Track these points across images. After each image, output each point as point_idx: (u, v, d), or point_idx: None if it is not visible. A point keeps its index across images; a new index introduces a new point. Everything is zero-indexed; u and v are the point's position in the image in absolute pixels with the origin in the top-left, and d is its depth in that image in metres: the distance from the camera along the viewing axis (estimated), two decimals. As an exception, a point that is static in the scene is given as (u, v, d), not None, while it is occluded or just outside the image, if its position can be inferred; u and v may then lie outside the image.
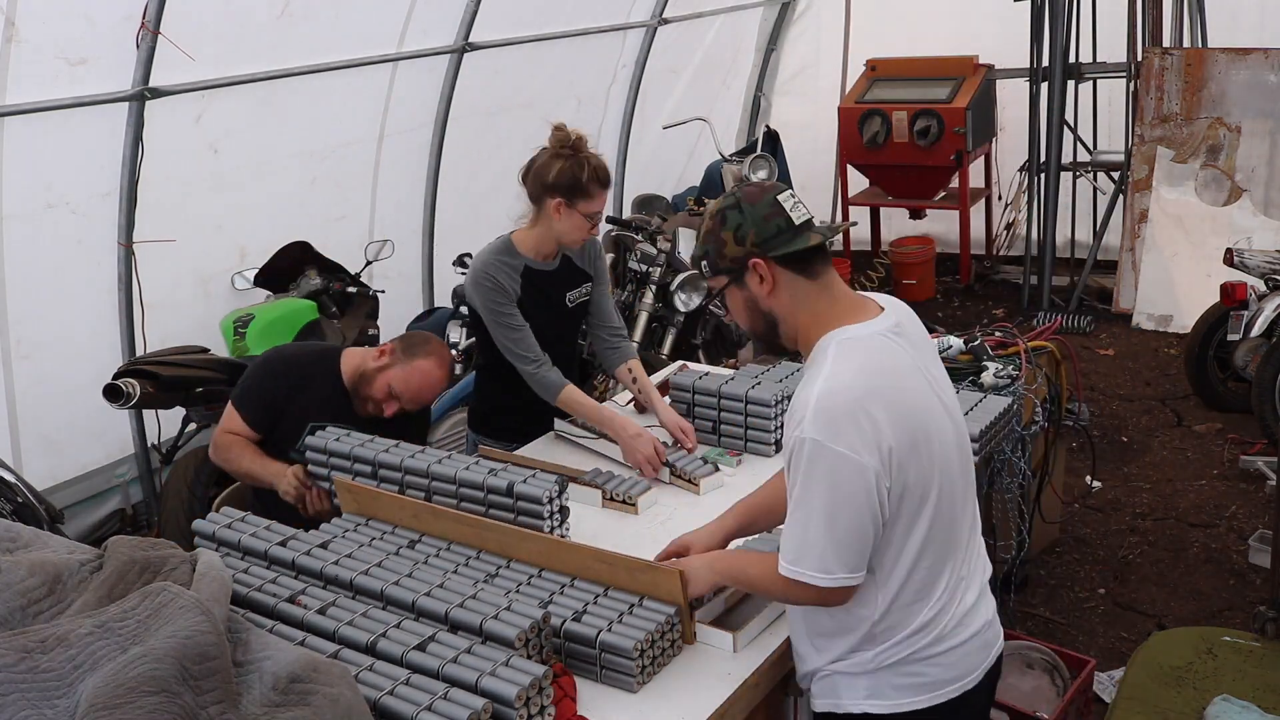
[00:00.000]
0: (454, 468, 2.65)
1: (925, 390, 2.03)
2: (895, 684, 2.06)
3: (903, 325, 2.08)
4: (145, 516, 5.04)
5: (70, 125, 4.43)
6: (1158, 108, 7.11)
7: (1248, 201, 6.93)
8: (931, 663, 2.06)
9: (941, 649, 2.06)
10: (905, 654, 2.04)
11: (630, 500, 2.86)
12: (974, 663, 2.12)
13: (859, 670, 2.07)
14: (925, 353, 2.12)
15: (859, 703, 2.08)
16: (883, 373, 1.98)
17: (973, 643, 2.10)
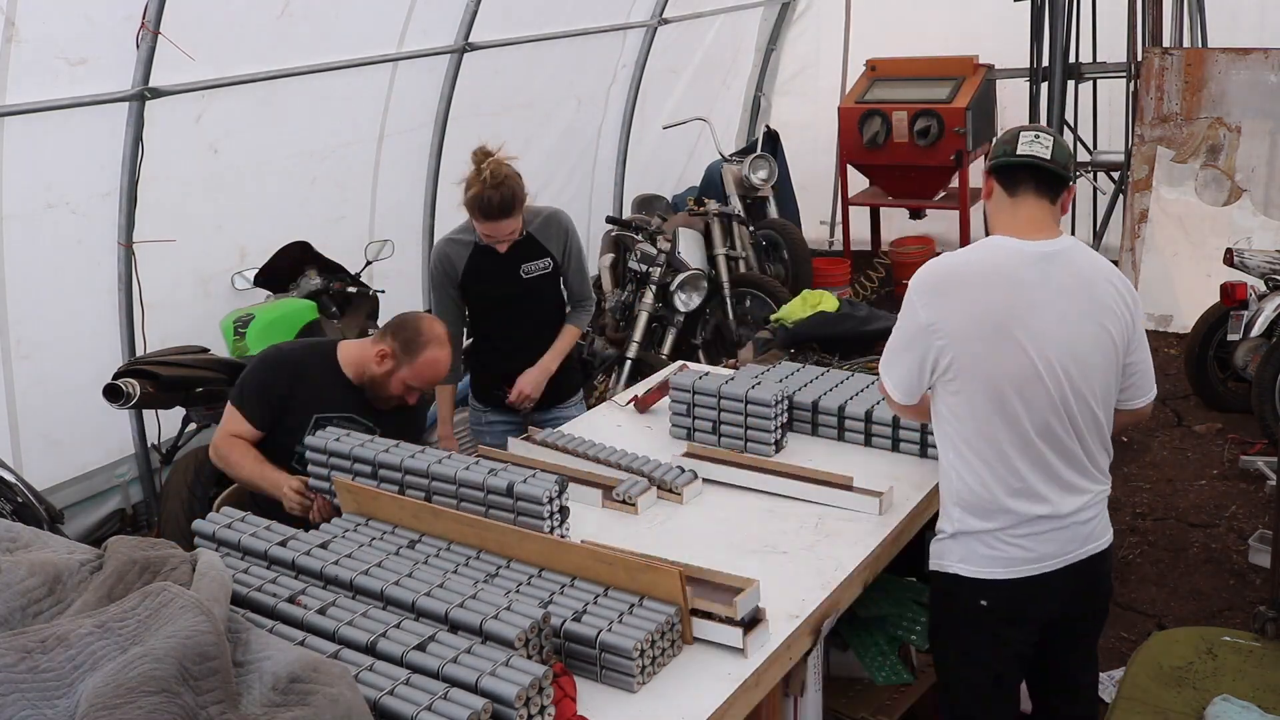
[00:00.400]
0: (454, 467, 2.65)
1: (1015, 304, 2.40)
2: (980, 553, 2.47)
3: (1053, 259, 2.44)
4: (145, 516, 5.04)
5: (70, 125, 4.43)
6: (1158, 108, 7.11)
7: (1248, 201, 6.93)
8: (1005, 544, 2.45)
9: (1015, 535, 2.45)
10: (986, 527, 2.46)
11: (630, 500, 2.86)
12: (1050, 550, 2.47)
13: (954, 533, 2.51)
14: (1056, 286, 2.43)
15: (953, 565, 2.51)
16: (983, 271, 2.45)
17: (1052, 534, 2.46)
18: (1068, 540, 2.49)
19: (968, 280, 2.45)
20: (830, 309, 4.04)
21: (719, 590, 2.29)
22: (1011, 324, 2.39)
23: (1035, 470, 2.44)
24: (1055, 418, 2.43)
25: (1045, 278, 2.42)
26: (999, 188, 2.53)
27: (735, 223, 6.77)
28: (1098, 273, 2.50)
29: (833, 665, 3.01)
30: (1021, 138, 2.50)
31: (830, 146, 8.49)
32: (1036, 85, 7.46)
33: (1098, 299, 2.47)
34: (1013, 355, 2.39)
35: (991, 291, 2.41)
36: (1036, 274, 2.42)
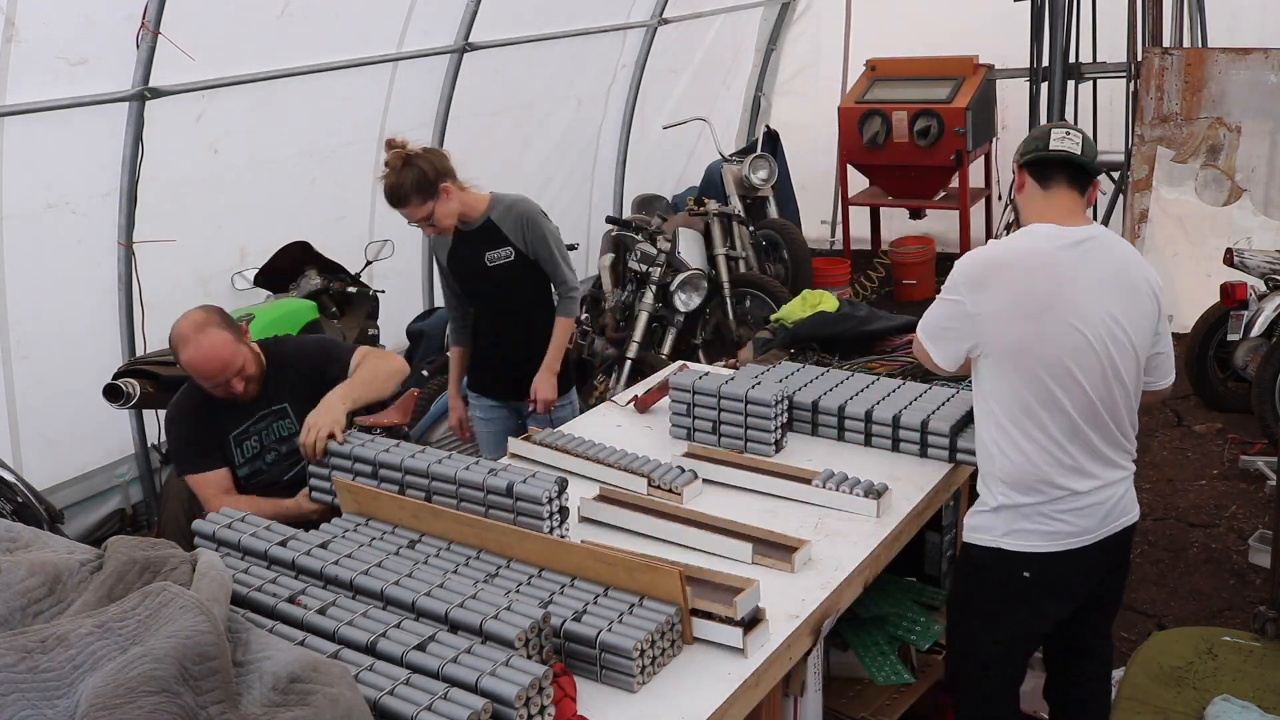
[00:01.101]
0: (453, 467, 2.65)
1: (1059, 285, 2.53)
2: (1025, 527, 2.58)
3: (1088, 244, 2.58)
4: (145, 516, 5.04)
5: (70, 125, 4.43)
6: (1158, 108, 7.11)
7: (1248, 201, 6.93)
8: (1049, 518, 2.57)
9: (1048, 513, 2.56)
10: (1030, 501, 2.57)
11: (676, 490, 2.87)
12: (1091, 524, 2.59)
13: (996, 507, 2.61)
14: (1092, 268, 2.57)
15: (997, 538, 2.61)
16: (1026, 255, 2.58)
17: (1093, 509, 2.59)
18: (1106, 514, 2.61)
19: (1012, 265, 2.58)
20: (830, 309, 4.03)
21: (719, 590, 2.29)
22: (1056, 304, 2.52)
23: (1079, 446, 2.56)
24: (1097, 395, 2.55)
25: (1083, 261, 2.56)
26: (1032, 180, 2.67)
27: (735, 223, 6.77)
28: (1129, 258, 2.67)
29: (833, 665, 3.01)
30: (1054, 134, 2.65)
31: (830, 146, 8.49)
32: (1036, 85, 7.46)
33: (1131, 283, 2.62)
34: (1058, 334, 2.52)
35: (1035, 274, 2.55)
36: (1075, 257, 2.56)
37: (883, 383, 3.37)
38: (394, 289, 5.72)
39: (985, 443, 2.66)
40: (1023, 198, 2.73)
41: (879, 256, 8.36)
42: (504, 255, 3.82)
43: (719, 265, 6.42)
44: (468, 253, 3.84)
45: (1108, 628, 2.93)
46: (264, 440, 3.24)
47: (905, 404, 3.17)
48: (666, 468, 2.95)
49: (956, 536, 3.40)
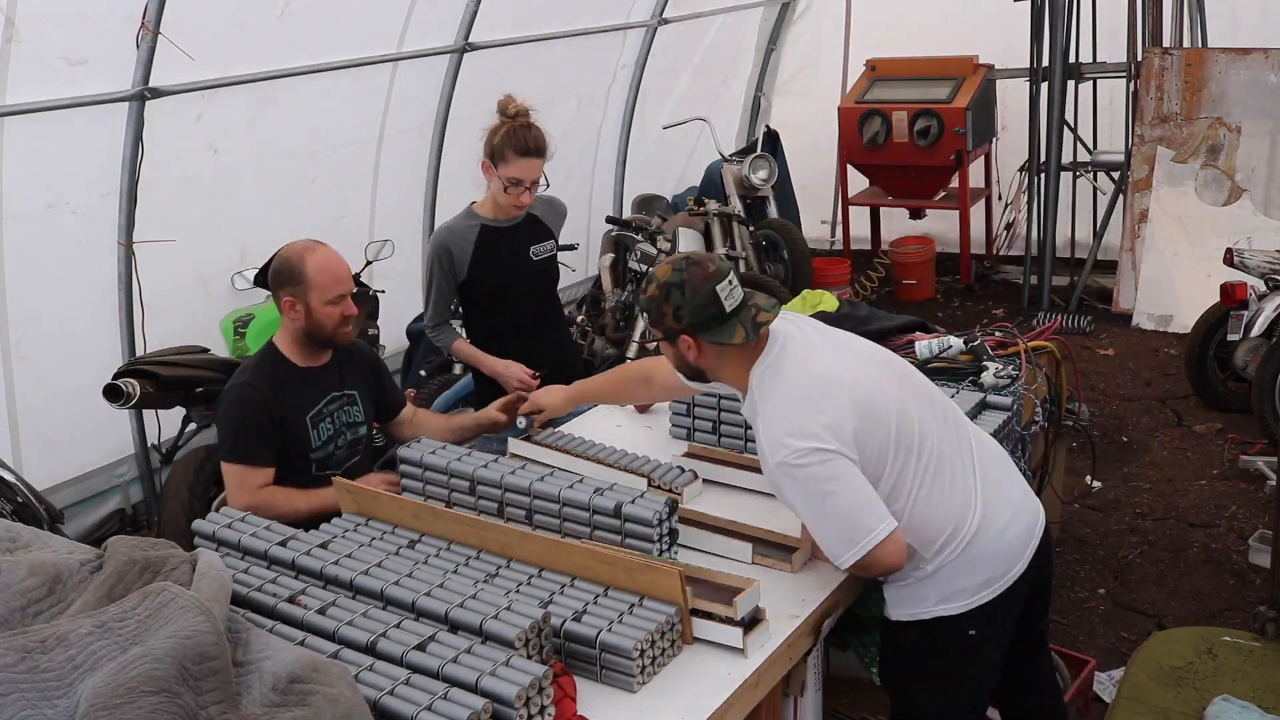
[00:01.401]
0: (557, 486, 2.61)
1: (849, 359, 2.43)
2: (960, 586, 2.44)
3: (792, 329, 2.47)
4: (145, 516, 5.04)
5: (70, 125, 4.43)
6: (1158, 108, 7.11)
7: (1248, 201, 6.93)
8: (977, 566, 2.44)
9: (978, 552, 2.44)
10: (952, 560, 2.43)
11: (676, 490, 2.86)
12: (1017, 555, 2.49)
13: (929, 574, 2.45)
14: (825, 333, 2.50)
15: (933, 608, 2.46)
16: (807, 374, 2.37)
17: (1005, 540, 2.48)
18: (1026, 533, 2.53)
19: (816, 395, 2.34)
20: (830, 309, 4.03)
21: (719, 590, 2.29)
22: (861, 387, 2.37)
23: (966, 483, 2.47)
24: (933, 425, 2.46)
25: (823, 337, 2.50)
26: (712, 346, 2.40)
27: (735, 223, 6.77)
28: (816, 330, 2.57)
29: (833, 665, 3.01)
30: (720, 291, 2.36)
31: (830, 146, 8.49)
32: (1036, 85, 7.46)
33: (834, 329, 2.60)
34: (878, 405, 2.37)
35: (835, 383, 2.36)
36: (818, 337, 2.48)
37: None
38: (394, 289, 5.72)
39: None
40: (709, 361, 2.44)
41: (879, 256, 8.35)
42: (548, 248, 3.72)
43: (719, 265, 6.41)
44: (507, 246, 3.62)
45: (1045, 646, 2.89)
46: (336, 423, 3.15)
47: (905, 404, 3.16)
48: (666, 468, 2.95)
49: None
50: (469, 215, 3.63)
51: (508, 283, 3.63)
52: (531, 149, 3.44)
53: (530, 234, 3.66)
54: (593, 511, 2.54)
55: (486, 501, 2.72)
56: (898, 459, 2.37)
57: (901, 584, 2.49)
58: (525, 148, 3.43)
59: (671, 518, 2.51)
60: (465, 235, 3.57)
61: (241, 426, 3.02)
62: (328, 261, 3.09)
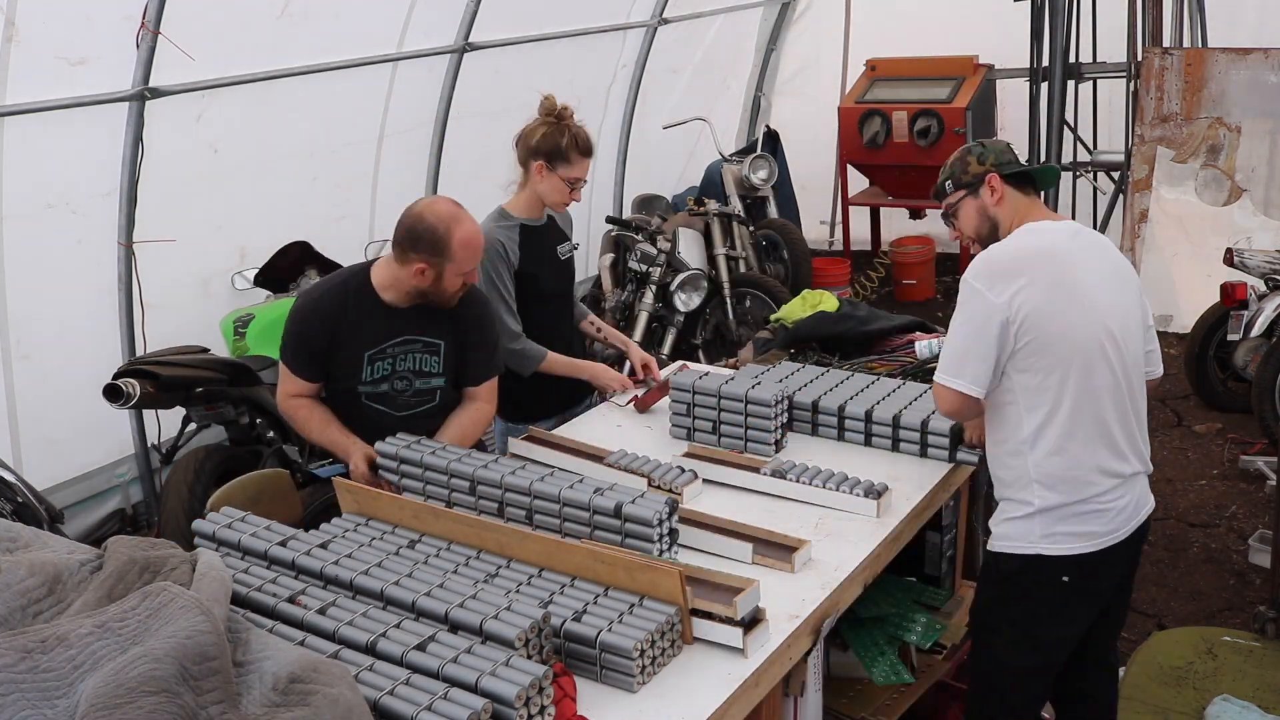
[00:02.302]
0: (557, 486, 2.60)
1: (1076, 276, 2.57)
2: (1063, 530, 2.56)
3: (1082, 238, 2.68)
4: (145, 516, 5.04)
5: (70, 125, 4.43)
6: (1158, 108, 7.11)
7: (1248, 201, 6.93)
8: (1090, 518, 2.55)
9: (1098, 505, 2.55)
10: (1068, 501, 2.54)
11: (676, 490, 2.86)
12: (1121, 520, 2.59)
13: (1032, 512, 2.57)
14: (1094, 257, 2.65)
15: (1035, 544, 2.58)
16: (1039, 250, 2.59)
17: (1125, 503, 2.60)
18: (1135, 508, 2.63)
19: (1028, 259, 2.57)
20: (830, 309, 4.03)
21: (719, 590, 2.29)
22: (1081, 295, 2.55)
23: (1116, 437, 2.58)
24: (1125, 385, 2.59)
25: (1085, 252, 2.64)
26: (1012, 190, 2.73)
27: (735, 223, 6.77)
28: (1116, 254, 2.76)
29: (833, 665, 3.01)
30: (1012, 150, 2.82)
31: (830, 146, 8.49)
32: (1036, 85, 7.46)
33: (1123, 275, 2.69)
34: (1087, 326, 2.53)
35: (1058, 266, 2.56)
36: (1079, 248, 2.64)
37: (883, 383, 3.38)
38: (394, 289, 5.72)
39: (1014, 446, 2.60)
40: (1004, 207, 2.74)
41: (879, 256, 8.36)
42: (570, 247, 3.75)
43: (719, 265, 6.42)
44: (543, 247, 3.61)
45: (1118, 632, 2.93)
46: (397, 365, 3.08)
47: (905, 404, 3.17)
48: (667, 468, 2.95)
49: (957, 536, 3.40)
50: (505, 218, 3.55)
51: (547, 280, 3.64)
52: (590, 148, 3.52)
53: (555, 234, 3.70)
54: (593, 511, 2.54)
55: (487, 501, 2.71)
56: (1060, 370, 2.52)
57: (1009, 518, 2.63)
58: (588, 148, 3.49)
59: (672, 518, 2.51)
60: (509, 235, 3.51)
61: (293, 336, 3.08)
62: (473, 237, 3.02)
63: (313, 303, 3.11)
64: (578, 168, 3.48)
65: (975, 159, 2.77)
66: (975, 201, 2.76)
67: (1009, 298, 2.51)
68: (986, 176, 2.73)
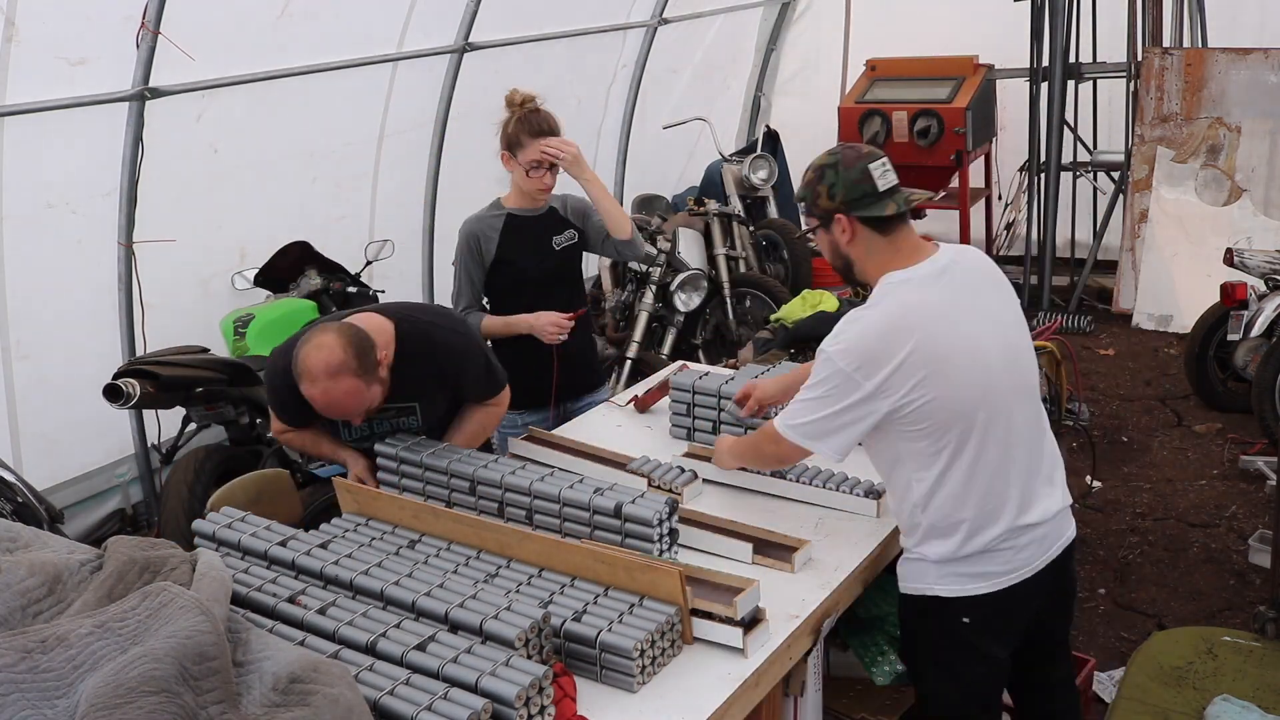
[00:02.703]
0: (557, 486, 2.60)
1: (952, 332, 2.35)
2: (962, 572, 2.42)
3: (950, 269, 2.43)
4: (145, 516, 5.04)
5: (70, 125, 4.43)
6: (1158, 108, 7.11)
7: (1248, 201, 6.93)
8: (986, 559, 2.42)
9: (998, 548, 2.41)
10: (963, 553, 2.41)
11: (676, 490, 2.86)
12: (1028, 557, 2.45)
13: (935, 559, 2.44)
14: (969, 290, 2.44)
15: (932, 586, 2.46)
16: (906, 318, 2.34)
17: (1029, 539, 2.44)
18: (1047, 542, 2.48)
19: (896, 334, 2.32)
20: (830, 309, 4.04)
21: (719, 590, 2.29)
22: (958, 353, 2.34)
23: (1019, 481, 2.42)
24: (1020, 420, 2.43)
25: (955, 294, 2.40)
26: (866, 230, 2.44)
27: (735, 223, 6.77)
28: (983, 265, 2.56)
29: (833, 665, 3.00)
30: (873, 170, 2.45)
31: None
32: (1036, 85, 7.46)
33: (1004, 290, 2.54)
34: (970, 384, 2.34)
35: (926, 332, 2.32)
36: (949, 292, 2.40)
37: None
38: (394, 289, 5.72)
39: (912, 501, 2.44)
40: (858, 250, 2.46)
41: (879, 256, 8.34)
42: (569, 238, 3.76)
43: (719, 265, 6.42)
44: (531, 236, 3.68)
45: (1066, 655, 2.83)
46: (374, 428, 3.02)
47: (905, 404, 3.16)
48: (667, 468, 2.95)
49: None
50: (495, 206, 3.72)
51: (532, 269, 3.69)
52: (545, 129, 3.55)
53: (552, 225, 3.73)
54: (593, 511, 2.54)
55: (486, 501, 2.71)
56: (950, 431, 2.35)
57: (908, 558, 2.52)
58: (538, 129, 3.54)
59: (672, 518, 2.51)
60: (491, 224, 3.67)
61: (273, 393, 3.01)
62: (319, 402, 2.73)
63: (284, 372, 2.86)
64: (531, 150, 3.54)
65: (825, 191, 2.48)
66: (827, 236, 2.50)
67: (880, 383, 2.31)
68: (835, 215, 2.46)
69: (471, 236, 3.67)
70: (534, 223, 3.69)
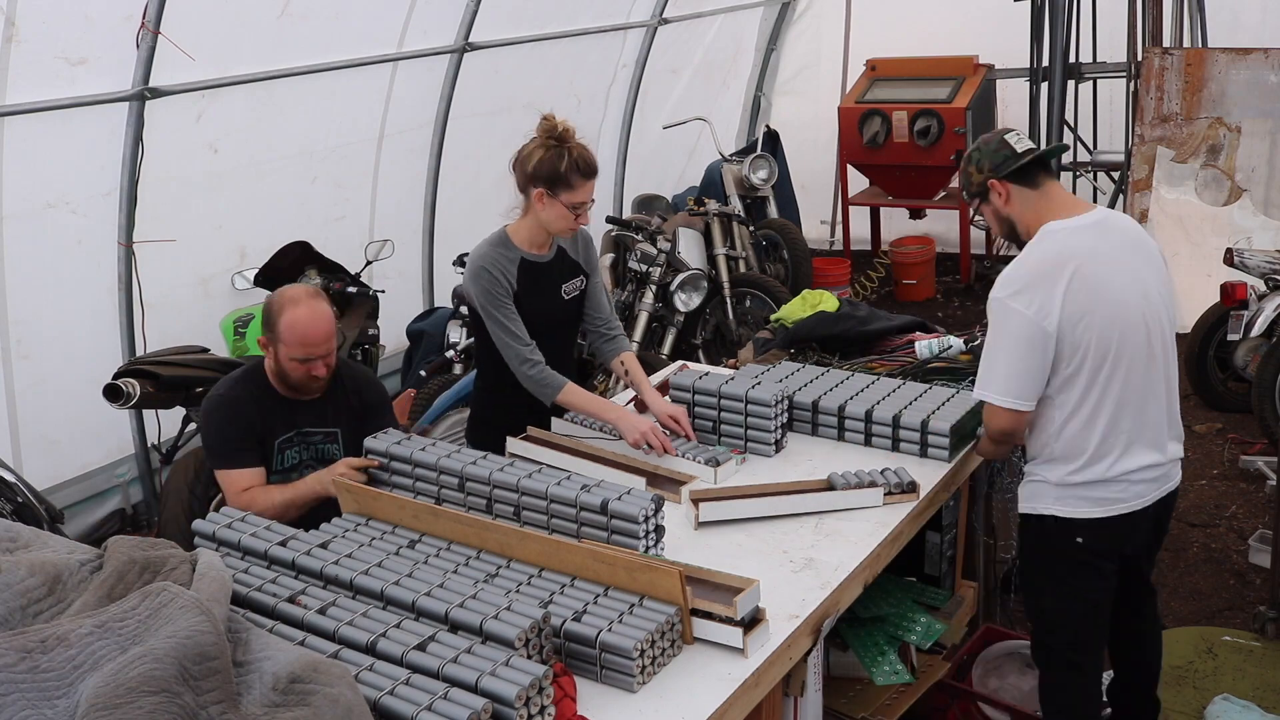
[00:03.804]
0: (544, 483, 2.60)
1: (1106, 271, 2.63)
2: (1078, 495, 2.70)
3: (1105, 223, 2.72)
4: (145, 516, 5.04)
5: (70, 125, 4.43)
6: (1158, 108, 7.11)
7: (1248, 201, 6.93)
8: (1104, 487, 2.69)
9: (1112, 476, 2.68)
10: (1082, 478, 2.69)
11: None
12: (1141, 491, 2.72)
13: (1056, 481, 2.73)
14: (1121, 246, 2.70)
15: (1050, 506, 2.75)
16: (1057, 257, 2.63)
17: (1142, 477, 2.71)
18: (1160, 483, 2.76)
19: (1048, 268, 2.62)
20: (830, 309, 4.03)
21: (719, 590, 2.29)
22: (1104, 294, 2.61)
23: (1148, 423, 2.69)
24: (1158, 370, 2.69)
25: (1108, 244, 2.68)
26: (1018, 188, 2.76)
27: (735, 223, 6.77)
28: (1139, 232, 2.81)
29: (833, 665, 3.01)
30: (1009, 139, 2.77)
31: (830, 146, 8.49)
32: (1036, 85, 7.46)
33: (1149, 255, 2.75)
34: (1113, 324, 2.61)
35: (1074, 270, 2.60)
36: (1100, 241, 2.67)
37: (883, 383, 3.37)
38: (394, 289, 5.72)
39: (1048, 423, 2.71)
40: (1016, 209, 2.78)
41: (879, 256, 8.35)
42: (578, 286, 3.40)
43: (719, 265, 6.42)
44: (544, 282, 3.30)
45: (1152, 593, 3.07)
46: (303, 456, 3.18)
47: (905, 404, 3.17)
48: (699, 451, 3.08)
49: (957, 536, 3.40)
50: (505, 245, 3.24)
51: (541, 320, 3.29)
52: (594, 169, 3.17)
53: (564, 270, 3.36)
54: (579, 508, 2.55)
55: (475, 499, 2.72)
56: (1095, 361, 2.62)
57: (1030, 480, 2.80)
58: (591, 169, 3.15)
59: (658, 514, 2.52)
60: (507, 266, 3.20)
61: (219, 434, 3.09)
62: (301, 322, 3.01)
63: (218, 399, 3.12)
64: (581, 191, 3.14)
65: (975, 168, 2.81)
66: (989, 207, 2.83)
67: (1039, 307, 2.59)
68: (988, 183, 2.78)
69: (497, 272, 3.18)
70: (548, 269, 3.31)
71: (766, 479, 2.94)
